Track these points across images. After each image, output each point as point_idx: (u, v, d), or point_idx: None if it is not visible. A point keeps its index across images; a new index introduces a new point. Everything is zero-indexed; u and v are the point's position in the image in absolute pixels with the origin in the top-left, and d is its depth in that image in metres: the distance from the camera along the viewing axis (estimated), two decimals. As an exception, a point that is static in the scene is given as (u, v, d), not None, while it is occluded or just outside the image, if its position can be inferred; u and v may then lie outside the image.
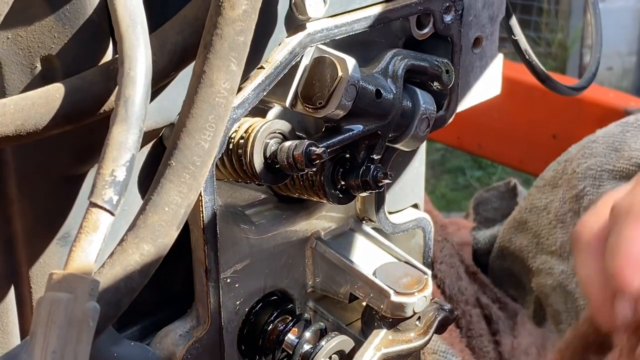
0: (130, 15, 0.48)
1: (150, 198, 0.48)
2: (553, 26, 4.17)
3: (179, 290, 0.62)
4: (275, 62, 0.57)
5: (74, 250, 0.44)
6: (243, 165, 0.58)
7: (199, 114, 0.48)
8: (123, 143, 0.46)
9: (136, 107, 0.46)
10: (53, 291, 0.43)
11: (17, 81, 0.50)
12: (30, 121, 0.47)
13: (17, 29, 0.49)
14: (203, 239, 0.58)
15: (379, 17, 0.62)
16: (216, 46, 0.48)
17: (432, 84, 0.66)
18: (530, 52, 0.80)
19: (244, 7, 0.48)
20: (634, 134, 1.03)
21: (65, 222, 0.54)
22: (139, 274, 0.47)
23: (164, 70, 0.50)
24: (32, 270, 0.55)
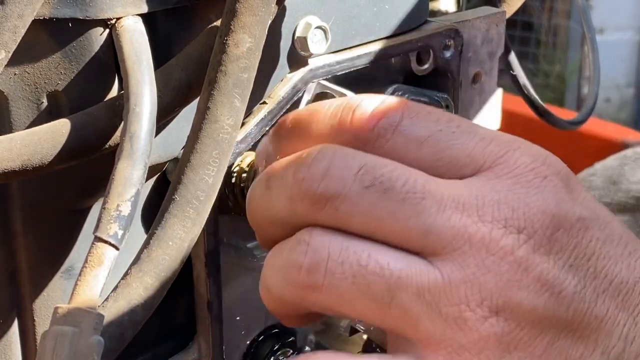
0: (136, 52, 0.49)
1: (154, 232, 0.49)
2: (551, 58, 4.20)
3: (180, 323, 0.62)
4: (278, 97, 0.58)
5: (79, 284, 0.45)
6: (245, 198, 0.59)
7: (203, 150, 0.49)
8: (128, 178, 0.46)
9: (141, 142, 0.47)
10: (58, 325, 0.44)
11: (23, 116, 0.51)
12: (37, 156, 0.48)
13: (25, 65, 0.50)
14: (205, 272, 0.58)
15: (379, 53, 0.63)
16: (220, 83, 0.49)
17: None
18: (529, 87, 0.81)
19: (248, 45, 0.49)
20: (632, 167, 1.04)
21: (69, 255, 0.55)
22: (142, 308, 0.47)
23: (169, 106, 0.51)
24: (36, 303, 0.55)
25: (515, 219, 0.42)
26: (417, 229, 0.43)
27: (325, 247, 0.43)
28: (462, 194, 0.43)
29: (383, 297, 0.42)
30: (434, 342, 0.42)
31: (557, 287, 0.42)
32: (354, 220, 0.43)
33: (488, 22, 0.72)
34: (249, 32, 0.49)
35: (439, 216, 0.42)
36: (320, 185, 0.43)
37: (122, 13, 0.50)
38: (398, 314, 0.43)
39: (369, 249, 0.43)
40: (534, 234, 0.42)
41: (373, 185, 0.43)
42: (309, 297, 0.44)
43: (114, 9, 0.49)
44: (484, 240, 0.42)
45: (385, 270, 0.43)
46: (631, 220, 1.01)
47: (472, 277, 0.42)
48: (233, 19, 0.49)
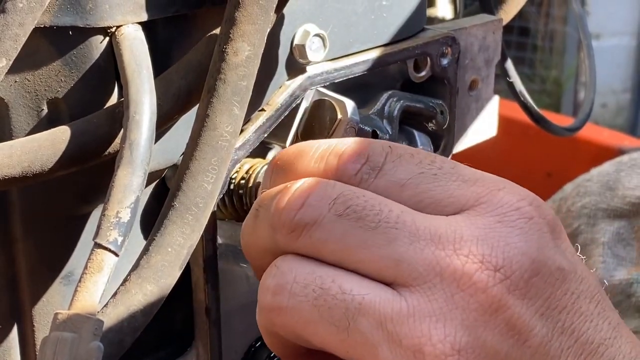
0: (136, 60, 0.49)
1: (153, 239, 0.49)
2: (548, 63, 4.21)
3: (179, 329, 0.63)
4: (276, 104, 0.59)
5: (78, 290, 0.45)
6: (244, 205, 0.59)
7: (202, 157, 0.49)
8: (128, 185, 0.47)
9: (141, 150, 0.47)
10: (58, 331, 0.44)
11: (23, 123, 0.51)
12: (37, 163, 0.48)
13: (25, 73, 0.50)
14: (204, 278, 0.59)
15: (377, 60, 0.63)
16: (219, 90, 0.49)
17: (427, 125, 0.68)
18: (525, 93, 0.81)
19: (247, 53, 0.49)
20: (628, 173, 1.05)
21: (68, 261, 0.55)
22: (141, 314, 0.48)
23: (168, 113, 0.52)
24: (35, 308, 0.55)
25: (494, 256, 0.42)
26: (388, 258, 0.42)
27: (292, 271, 0.44)
28: (439, 226, 0.43)
29: (341, 321, 0.42)
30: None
31: (525, 334, 0.41)
32: (327, 247, 0.44)
33: (485, 29, 0.72)
34: (248, 41, 0.49)
35: (411, 247, 0.42)
36: (297, 214, 0.44)
37: (122, 21, 0.50)
38: (358, 340, 0.42)
39: (335, 275, 0.43)
40: (511, 275, 0.41)
41: (346, 213, 0.43)
42: (275, 319, 0.45)
43: (114, 17, 0.50)
44: (455, 274, 0.41)
45: (346, 295, 0.42)
46: (627, 226, 1.01)
47: (438, 311, 0.41)
48: (232, 28, 0.49)
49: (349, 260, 0.43)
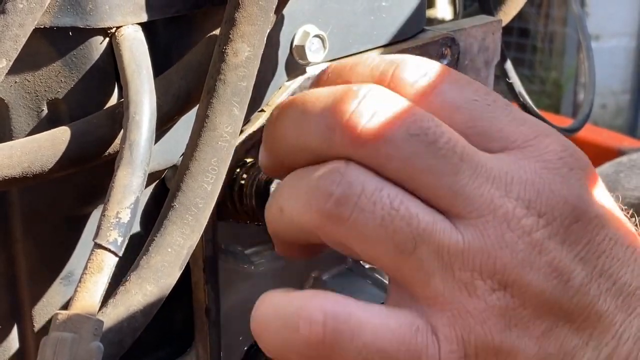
0: (135, 61, 0.49)
1: (153, 239, 0.49)
2: (547, 64, 4.21)
3: (178, 330, 0.63)
4: (276, 105, 0.59)
5: (78, 290, 0.45)
6: (244, 205, 0.59)
7: (202, 157, 0.49)
8: (128, 186, 0.47)
9: (141, 150, 0.47)
10: (58, 331, 0.44)
11: (23, 124, 0.51)
12: (37, 163, 0.49)
13: (25, 74, 0.50)
14: (204, 279, 0.59)
15: (377, 61, 0.63)
16: (219, 91, 0.49)
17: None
18: (524, 94, 0.81)
19: (247, 54, 0.50)
20: (627, 174, 1.05)
21: (68, 261, 0.55)
22: (141, 314, 0.48)
23: (168, 114, 0.52)
24: (35, 309, 0.55)
25: (539, 202, 0.43)
26: (449, 188, 0.43)
27: (360, 183, 0.43)
28: (494, 166, 0.44)
29: (406, 245, 0.42)
30: (441, 302, 0.43)
31: (566, 275, 0.43)
32: (392, 164, 0.43)
33: (484, 30, 0.72)
34: (248, 41, 0.50)
35: (471, 181, 0.43)
36: (367, 123, 0.43)
37: (122, 22, 0.50)
38: (414, 265, 0.43)
39: (403, 196, 0.43)
40: (553, 221, 0.43)
41: (419, 135, 0.43)
42: (328, 227, 0.44)
43: (114, 18, 0.50)
44: (506, 215, 0.43)
45: (414, 219, 0.43)
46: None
47: (490, 248, 0.42)
48: (232, 28, 0.50)
49: (412, 182, 0.43)
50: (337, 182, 0.43)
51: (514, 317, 0.42)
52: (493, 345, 0.42)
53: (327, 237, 0.45)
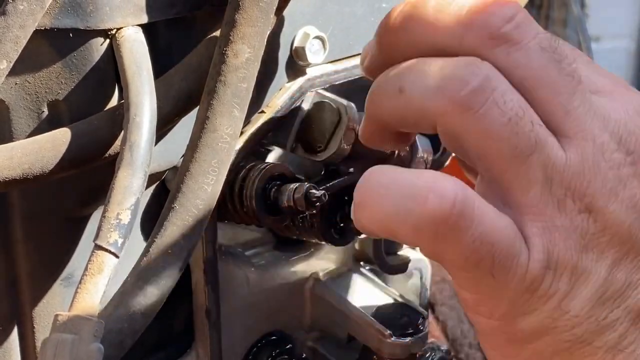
0: (136, 62, 0.49)
1: (153, 240, 0.49)
2: (547, 66, 4.19)
3: (179, 331, 0.63)
4: (276, 106, 0.59)
5: (79, 292, 0.45)
6: (244, 207, 0.59)
7: (203, 159, 0.49)
8: (128, 187, 0.47)
9: (141, 152, 0.47)
10: (58, 332, 0.44)
11: (24, 125, 0.51)
12: (37, 165, 0.49)
13: (26, 75, 0.50)
14: (204, 280, 0.59)
15: (377, 62, 0.63)
16: (220, 92, 0.49)
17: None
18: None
19: (247, 55, 0.50)
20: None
21: (69, 263, 0.55)
22: (141, 315, 0.48)
23: (168, 115, 0.52)
24: (36, 310, 0.55)
25: (629, 141, 0.45)
26: (563, 106, 0.45)
27: (496, 79, 0.44)
28: (595, 101, 0.46)
29: (523, 150, 0.44)
30: (534, 212, 0.44)
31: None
32: (518, 72, 0.45)
33: (484, 32, 0.72)
34: (248, 43, 0.50)
35: (582, 104, 0.45)
36: (506, 26, 0.45)
37: (123, 23, 0.50)
38: (522, 171, 0.44)
39: (526, 103, 0.45)
40: (638, 161, 0.45)
41: (550, 50, 0.45)
42: (455, 115, 0.44)
43: (115, 20, 0.50)
44: (603, 145, 0.45)
45: (535, 127, 0.44)
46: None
47: (586, 171, 0.44)
48: (232, 30, 0.50)
49: (532, 94, 0.45)
50: (476, 73, 0.44)
51: (592, 240, 0.44)
52: (571, 262, 0.44)
53: (446, 126, 0.45)
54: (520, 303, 0.44)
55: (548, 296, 0.44)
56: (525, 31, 0.45)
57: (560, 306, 0.44)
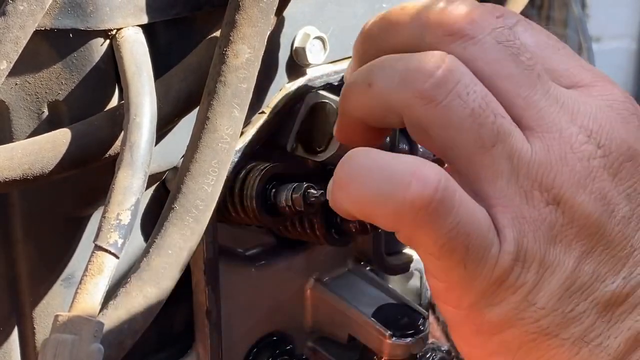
0: (136, 63, 0.49)
1: (153, 241, 0.49)
2: (548, 66, 4.19)
3: (179, 331, 0.63)
4: (277, 107, 0.59)
5: (79, 292, 0.45)
6: (244, 207, 0.59)
7: (203, 159, 0.49)
8: (128, 187, 0.47)
9: (141, 152, 0.47)
10: (58, 333, 0.44)
11: (24, 126, 0.51)
12: (37, 165, 0.49)
13: (26, 76, 0.50)
14: (204, 280, 0.59)
15: (377, 63, 0.63)
16: (220, 93, 0.49)
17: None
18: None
19: (247, 56, 0.50)
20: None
21: (69, 263, 0.55)
22: (142, 316, 0.48)
23: (169, 116, 0.52)
24: (36, 310, 0.55)
25: (599, 134, 0.45)
26: (524, 99, 0.45)
27: (459, 72, 0.45)
28: (563, 94, 0.46)
29: (487, 141, 0.45)
30: (502, 203, 0.45)
31: (612, 206, 0.45)
32: (476, 64, 0.46)
33: (485, 32, 0.72)
34: (248, 43, 0.50)
35: (544, 98, 0.46)
36: (460, 22, 0.46)
37: (123, 24, 0.50)
38: (488, 162, 0.45)
39: (490, 95, 0.45)
40: (609, 154, 0.45)
41: (505, 44, 0.46)
42: (418, 108, 0.45)
43: (115, 20, 0.50)
44: (571, 137, 0.45)
45: (498, 118, 0.45)
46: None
47: (552, 163, 0.45)
48: (232, 30, 0.50)
49: (495, 85, 0.46)
50: (438, 66, 0.45)
51: (560, 232, 0.45)
52: (539, 254, 0.44)
53: (411, 118, 0.46)
54: (488, 294, 0.45)
55: (515, 288, 0.45)
56: (480, 26, 0.46)
57: (527, 298, 0.45)
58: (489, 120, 0.44)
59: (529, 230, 0.44)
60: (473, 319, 0.46)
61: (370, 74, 0.48)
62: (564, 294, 0.45)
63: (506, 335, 0.46)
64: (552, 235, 0.44)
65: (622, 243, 0.45)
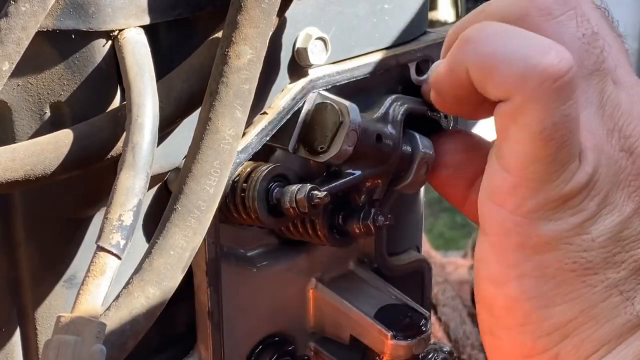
0: (138, 63, 0.49)
1: (155, 242, 0.49)
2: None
3: (181, 332, 0.63)
4: (278, 107, 0.59)
5: (81, 293, 0.45)
6: (246, 208, 0.59)
7: (205, 160, 0.49)
8: (130, 188, 0.47)
9: (143, 153, 0.47)
10: (60, 334, 0.44)
11: (26, 127, 0.51)
12: (39, 166, 0.49)
13: (28, 76, 0.50)
14: (206, 281, 0.59)
15: (379, 64, 0.64)
16: (222, 94, 0.49)
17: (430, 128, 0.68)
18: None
19: (249, 56, 0.50)
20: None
21: (71, 264, 0.55)
22: (144, 317, 0.48)
23: (171, 116, 0.52)
24: (38, 312, 0.55)
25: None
26: (616, 59, 0.50)
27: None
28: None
29: (588, 66, 0.47)
30: (590, 130, 0.46)
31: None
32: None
33: (486, 32, 0.72)
34: (250, 44, 0.50)
35: (628, 63, 0.51)
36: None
37: (125, 25, 0.50)
38: (583, 86, 0.47)
39: (599, 33, 0.49)
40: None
41: (601, 10, 0.50)
42: (533, 17, 0.47)
43: (117, 21, 0.50)
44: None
45: (604, 53, 0.48)
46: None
47: (634, 115, 0.47)
48: (234, 31, 0.50)
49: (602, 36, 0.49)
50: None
51: (625, 179, 0.46)
52: (605, 190, 0.46)
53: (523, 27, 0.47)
54: (550, 206, 0.45)
55: (577, 210, 0.45)
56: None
57: (583, 225, 0.45)
58: (596, 50, 0.46)
59: (604, 163, 0.46)
60: (524, 228, 0.46)
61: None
62: (614, 236, 0.46)
63: (548, 258, 0.46)
64: (618, 179, 0.46)
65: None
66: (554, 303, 0.46)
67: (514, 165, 0.46)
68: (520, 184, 0.45)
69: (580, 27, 0.46)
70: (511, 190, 0.46)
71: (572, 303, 0.46)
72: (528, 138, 0.45)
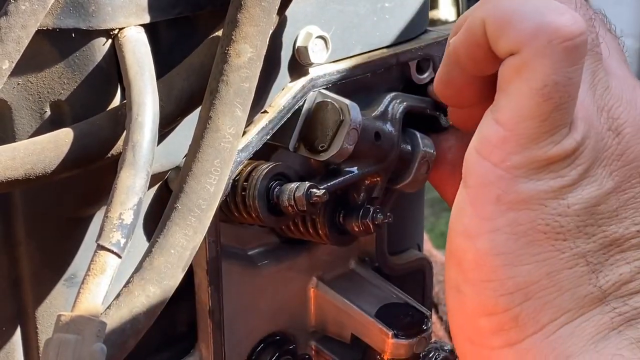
0: (138, 62, 0.49)
1: (156, 240, 0.49)
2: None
3: (182, 331, 0.63)
4: (279, 106, 0.59)
5: (81, 292, 0.45)
6: (247, 207, 0.59)
7: (205, 159, 0.49)
8: (131, 187, 0.47)
9: (144, 151, 0.47)
10: (61, 332, 0.44)
11: (26, 126, 0.51)
12: (40, 165, 0.49)
13: (28, 75, 0.50)
14: (207, 280, 0.59)
15: (380, 62, 0.63)
16: (222, 92, 0.49)
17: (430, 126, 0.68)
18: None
19: (249, 55, 0.50)
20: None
21: (71, 263, 0.55)
22: (144, 316, 0.48)
23: (171, 115, 0.52)
24: (38, 311, 0.55)
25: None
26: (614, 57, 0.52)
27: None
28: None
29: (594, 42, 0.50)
30: (581, 102, 0.47)
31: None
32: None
33: (487, 31, 0.72)
34: (250, 42, 0.50)
35: (624, 60, 0.53)
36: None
37: (125, 23, 0.50)
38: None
39: (597, 17, 0.51)
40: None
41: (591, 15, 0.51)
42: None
43: (117, 20, 0.50)
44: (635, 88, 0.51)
45: (599, 38, 0.50)
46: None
47: (623, 100, 0.49)
48: (235, 29, 0.50)
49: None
50: None
51: (608, 158, 0.47)
52: (588, 163, 0.47)
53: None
54: (534, 166, 0.46)
55: (558, 175, 0.46)
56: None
57: (562, 191, 0.46)
58: (591, 35, 0.47)
59: (593, 137, 0.47)
60: (505, 182, 0.47)
61: None
62: (589, 208, 0.47)
63: (522, 216, 0.46)
64: (602, 155, 0.47)
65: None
66: (520, 262, 0.46)
67: (508, 118, 0.46)
68: (510, 139, 0.46)
69: (579, 10, 0.48)
70: (499, 143, 0.47)
71: (538, 265, 0.46)
72: (528, 93, 0.46)
